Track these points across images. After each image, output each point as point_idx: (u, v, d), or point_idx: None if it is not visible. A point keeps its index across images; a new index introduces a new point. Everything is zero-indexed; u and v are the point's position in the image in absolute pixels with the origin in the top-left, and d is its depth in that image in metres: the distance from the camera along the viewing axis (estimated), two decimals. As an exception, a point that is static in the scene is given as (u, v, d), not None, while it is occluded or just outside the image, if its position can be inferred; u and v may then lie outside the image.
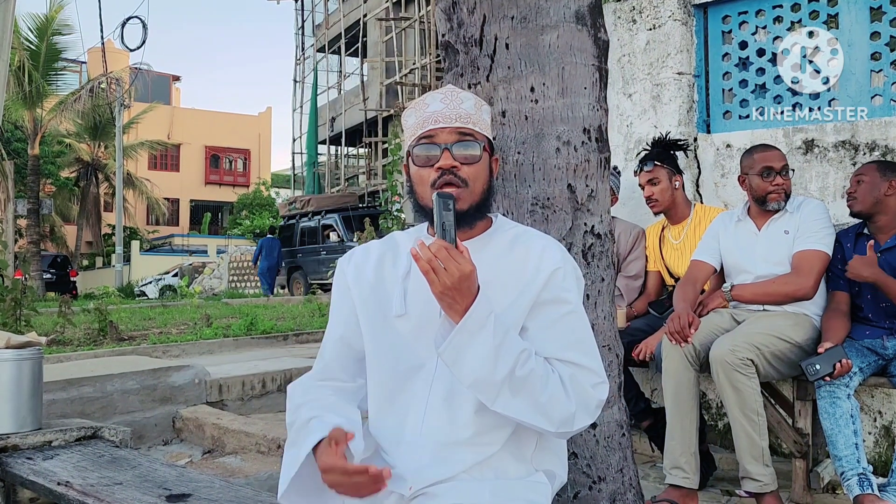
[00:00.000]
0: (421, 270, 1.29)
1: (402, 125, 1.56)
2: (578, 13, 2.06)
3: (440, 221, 1.31)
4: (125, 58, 26.91)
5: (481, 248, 1.47)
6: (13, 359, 2.68)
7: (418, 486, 1.39)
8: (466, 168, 1.45)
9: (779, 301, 2.91)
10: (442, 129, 1.46)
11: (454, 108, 1.48)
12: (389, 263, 1.56)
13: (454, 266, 1.27)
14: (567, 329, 1.43)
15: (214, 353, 6.55)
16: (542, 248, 1.48)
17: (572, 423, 1.37)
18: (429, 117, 1.48)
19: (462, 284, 1.28)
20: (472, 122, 1.48)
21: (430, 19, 15.90)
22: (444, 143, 1.45)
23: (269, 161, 42.71)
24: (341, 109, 22.12)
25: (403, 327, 1.48)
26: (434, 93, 1.52)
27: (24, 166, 22.90)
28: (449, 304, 1.30)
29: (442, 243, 1.28)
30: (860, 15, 3.52)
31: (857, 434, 2.60)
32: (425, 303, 1.41)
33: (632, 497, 2.06)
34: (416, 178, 1.50)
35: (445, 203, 1.31)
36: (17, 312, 6.43)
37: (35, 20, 21.35)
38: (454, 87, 1.54)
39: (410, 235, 1.60)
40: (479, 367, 1.31)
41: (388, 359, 1.49)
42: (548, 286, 1.44)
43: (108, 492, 2.16)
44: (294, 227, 17.25)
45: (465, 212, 1.45)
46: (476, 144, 1.47)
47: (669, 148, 3.53)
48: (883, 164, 2.91)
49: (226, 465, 3.23)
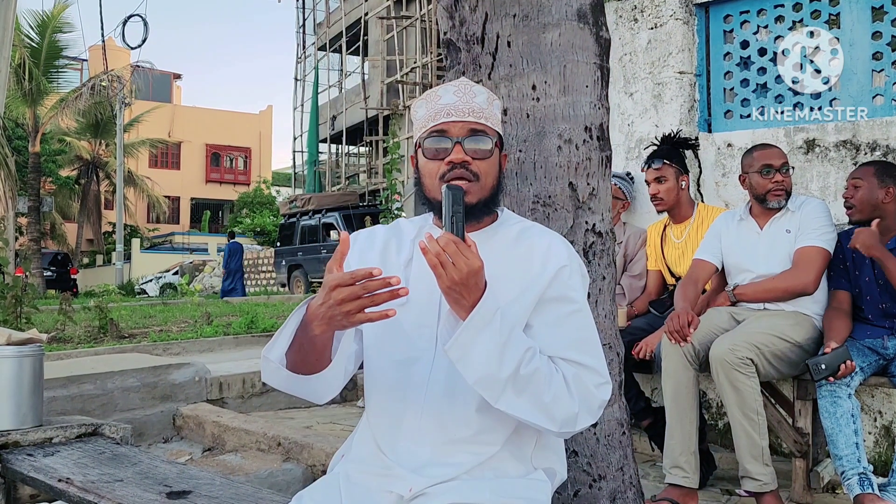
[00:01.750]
0: (429, 264, 1.26)
1: (412, 116, 1.54)
2: (580, 11, 2.06)
3: (449, 215, 1.28)
4: (126, 56, 26.95)
5: (486, 241, 1.45)
6: (14, 355, 2.68)
7: (418, 488, 1.38)
8: (478, 163, 1.44)
9: (780, 297, 2.91)
10: (454, 123, 1.44)
11: (467, 102, 1.46)
12: (394, 250, 1.54)
13: (462, 261, 1.24)
14: (572, 328, 1.42)
15: (215, 351, 6.55)
16: (549, 244, 1.47)
17: (575, 422, 1.36)
18: (441, 109, 1.46)
19: (470, 280, 1.26)
20: (485, 117, 1.47)
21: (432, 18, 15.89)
22: (456, 137, 1.44)
23: (270, 159, 42.77)
24: (342, 108, 22.10)
25: (404, 316, 1.45)
26: (447, 85, 1.50)
27: (25, 164, 22.92)
28: (456, 299, 1.28)
29: (450, 237, 1.25)
30: (862, 15, 3.51)
31: (858, 433, 2.60)
32: (426, 292, 1.40)
33: (632, 495, 2.06)
34: (424, 171, 1.48)
35: (455, 196, 1.28)
36: (17, 309, 6.44)
37: (36, 17, 21.37)
38: (467, 80, 1.52)
39: (415, 224, 1.58)
40: (485, 363, 1.29)
41: (386, 347, 1.48)
42: (554, 283, 1.43)
43: (109, 488, 2.16)
44: (295, 225, 17.25)
45: (475, 206, 1.44)
46: (488, 139, 1.46)
47: (679, 146, 3.51)
48: (880, 169, 2.88)
49: (226, 462, 3.23)
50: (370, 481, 1.43)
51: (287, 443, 3.25)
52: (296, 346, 1.36)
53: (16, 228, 23.09)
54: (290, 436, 3.28)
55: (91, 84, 22.08)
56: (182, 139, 37.49)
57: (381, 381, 1.49)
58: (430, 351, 1.44)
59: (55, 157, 27.80)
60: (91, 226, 30.13)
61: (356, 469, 1.47)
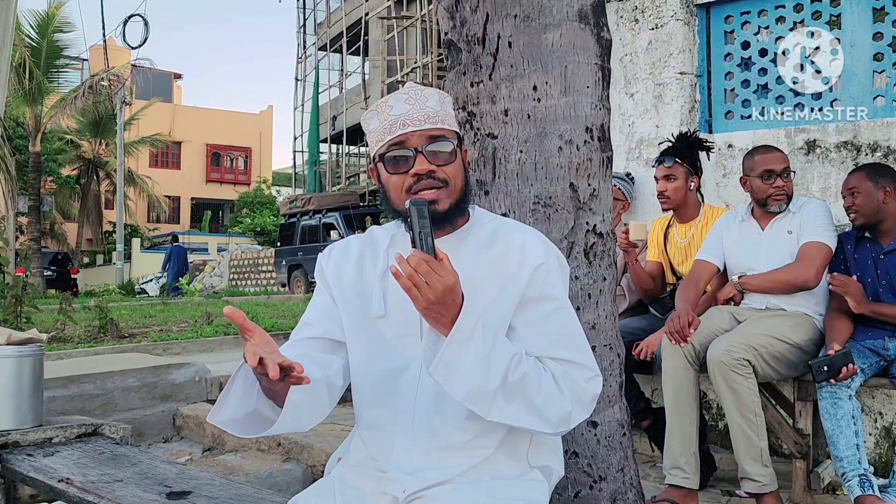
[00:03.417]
0: (402, 287, 1.23)
1: (364, 128, 1.48)
2: (581, 12, 2.06)
3: (417, 230, 1.24)
4: (127, 55, 26.89)
5: (459, 244, 1.43)
6: (14, 355, 2.67)
7: (412, 490, 1.37)
8: (443, 168, 1.40)
9: (782, 289, 2.90)
10: (412, 133, 1.40)
11: (420, 109, 1.41)
12: (369, 261, 1.51)
13: (436, 280, 1.21)
14: (555, 325, 1.40)
15: (215, 351, 6.56)
16: (523, 242, 1.43)
17: (569, 420, 1.35)
18: (395, 121, 1.41)
19: (447, 297, 1.22)
20: (441, 120, 1.43)
21: (432, 18, 15.89)
22: (416, 147, 1.39)
23: (270, 159, 42.77)
24: (343, 108, 22.10)
25: (385, 328, 1.44)
26: (396, 94, 1.45)
27: (26, 163, 22.92)
28: (434, 318, 1.25)
29: (421, 255, 1.22)
30: (863, 16, 3.51)
31: (859, 435, 2.60)
32: (405, 302, 1.35)
33: (632, 496, 2.06)
34: (389, 185, 1.43)
35: (420, 211, 1.24)
36: (17, 309, 6.44)
37: (36, 17, 21.38)
38: (414, 84, 1.47)
39: (388, 231, 1.55)
40: (472, 378, 1.26)
41: (371, 360, 1.46)
42: (532, 283, 1.40)
43: (109, 489, 2.15)
44: (295, 225, 17.25)
45: (447, 211, 1.41)
46: (448, 142, 1.42)
47: (693, 146, 3.48)
48: (872, 171, 2.89)
49: (226, 462, 3.23)
50: (365, 484, 1.42)
51: (287, 443, 3.25)
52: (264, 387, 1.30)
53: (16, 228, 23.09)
54: (290, 436, 3.27)
55: (91, 82, 22.07)
56: (182, 139, 37.47)
57: (368, 394, 1.47)
58: (417, 359, 1.41)
59: (56, 156, 27.80)
60: (91, 225, 30.12)
61: (351, 472, 1.46)
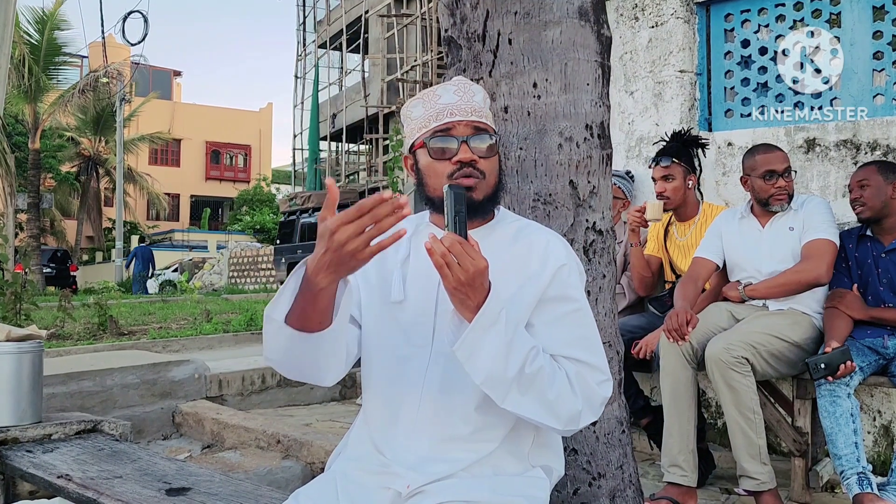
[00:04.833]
0: (435, 265, 1.25)
1: (405, 116, 1.53)
2: (581, 9, 2.06)
3: (452, 215, 1.27)
4: (126, 52, 26.88)
5: (485, 238, 1.46)
6: (13, 352, 2.68)
7: (416, 485, 1.38)
8: (483, 161, 1.45)
9: (794, 290, 2.89)
10: (458, 122, 1.45)
11: (468, 101, 1.47)
12: (392, 247, 1.53)
13: (468, 261, 1.24)
14: (573, 326, 1.43)
15: (214, 349, 6.56)
16: (546, 241, 1.48)
17: (578, 420, 1.37)
18: (443, 109, 1.46)
19: (476, 280, 1.25)
20: (485, 116, 1.49)
21: (432, 15, 15.89)
22: (462, 136, 1.45)
23: (270, 157, 42.75)
24: (342, 106, 22.11)
25: (401, 314, 1.47)
26: (445, 84, 1.51)
27: (25, 160, 22.90)
28: (461, 299, 1.28)
29: (455, 237, 1.25)
30: (862, 14, 3.51)
31: (857, 433, 2.60)
32: (423, 290, 1.39)
33: (631, 493, 2.06)
34: (428, 171, 1.47)
35: (457, 196, 1.28)
36: (17, 306, 6.44)
37: (35, 14, 21.37)
38: (464, 78, 1.53)
39: (411, 222, 1.57)
40: (492, 363, 1.29)
41: (383, 344, 1.48)
42: (554, 283, 1.43)
43: (108, 485, 2.16)
44: (294, 223, 17.25)
45: (480, 202, 1.45)
46: (489, 137, 1.47)
47: (689, 145, 3.48)
48: (883, 166, 2.91)
49: (225, 459, 3.23)
50: (367, 479, 1.43)
51: (286, 440, 3.25)
52: (297, 310, 1.32)
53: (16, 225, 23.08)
54: (290, 433, 3.28)
55: (89, 79, 22.05)
56: (182, 136, 37.45)
57: (378, 376, 1.49)
58: (427, 348, 1.44)
59: (55, 153, 27.78)
60: (91, 222, 30.11)
61: (353, 467, 1.47)
